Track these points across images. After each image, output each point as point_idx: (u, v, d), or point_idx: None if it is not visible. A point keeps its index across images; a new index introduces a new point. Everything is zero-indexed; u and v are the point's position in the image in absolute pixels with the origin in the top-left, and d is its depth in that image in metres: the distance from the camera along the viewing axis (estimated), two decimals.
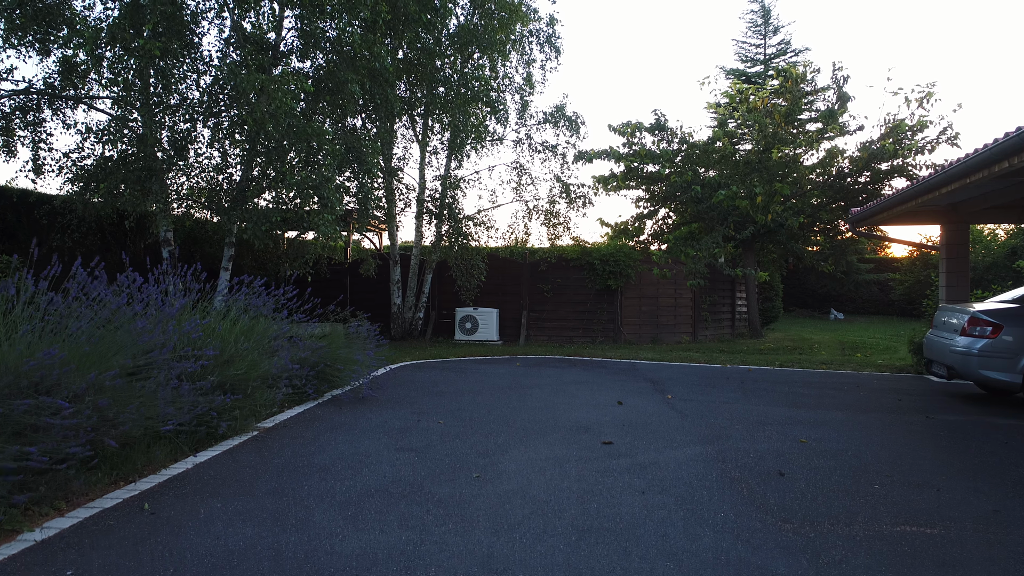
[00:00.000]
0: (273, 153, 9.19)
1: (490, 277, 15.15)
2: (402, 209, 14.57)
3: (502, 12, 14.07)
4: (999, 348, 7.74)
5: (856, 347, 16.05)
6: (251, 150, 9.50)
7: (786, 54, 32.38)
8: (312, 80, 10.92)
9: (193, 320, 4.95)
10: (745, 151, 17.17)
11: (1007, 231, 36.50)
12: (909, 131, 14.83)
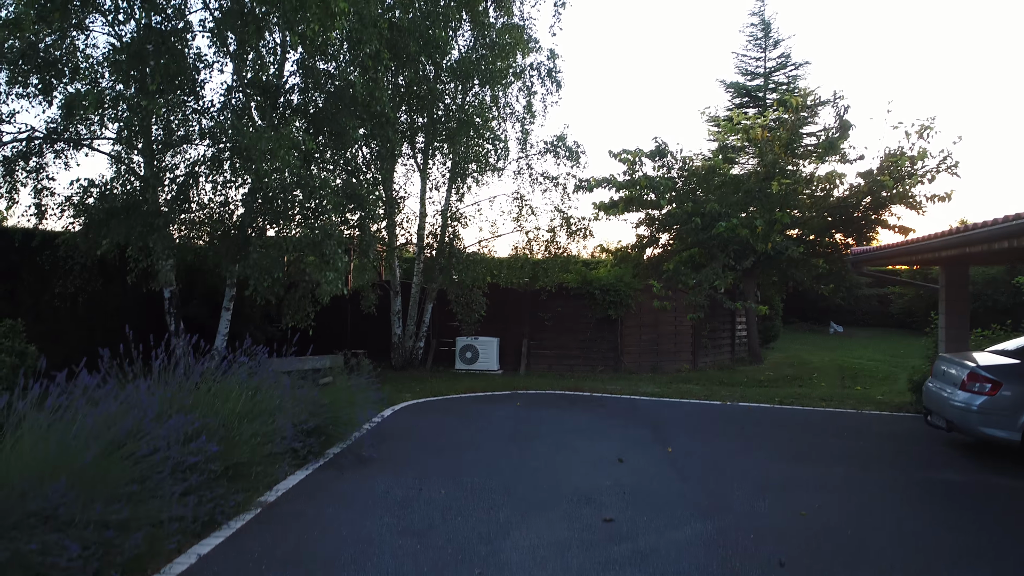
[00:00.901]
0: (274, 202, 9.24)
1: (491, 305, 15.17)
2: (403, 244, 14.60)
3: (505, 37, 14.10)
4: (998, 405, 7.77)
5: (855, 375, 16.09)
6: (251, 200, 9.54)
7: (786, 67, 32.43)
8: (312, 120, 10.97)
9: (192, 422, 4.98)
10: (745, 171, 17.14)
11: None
12: (909, 161, 14.85)
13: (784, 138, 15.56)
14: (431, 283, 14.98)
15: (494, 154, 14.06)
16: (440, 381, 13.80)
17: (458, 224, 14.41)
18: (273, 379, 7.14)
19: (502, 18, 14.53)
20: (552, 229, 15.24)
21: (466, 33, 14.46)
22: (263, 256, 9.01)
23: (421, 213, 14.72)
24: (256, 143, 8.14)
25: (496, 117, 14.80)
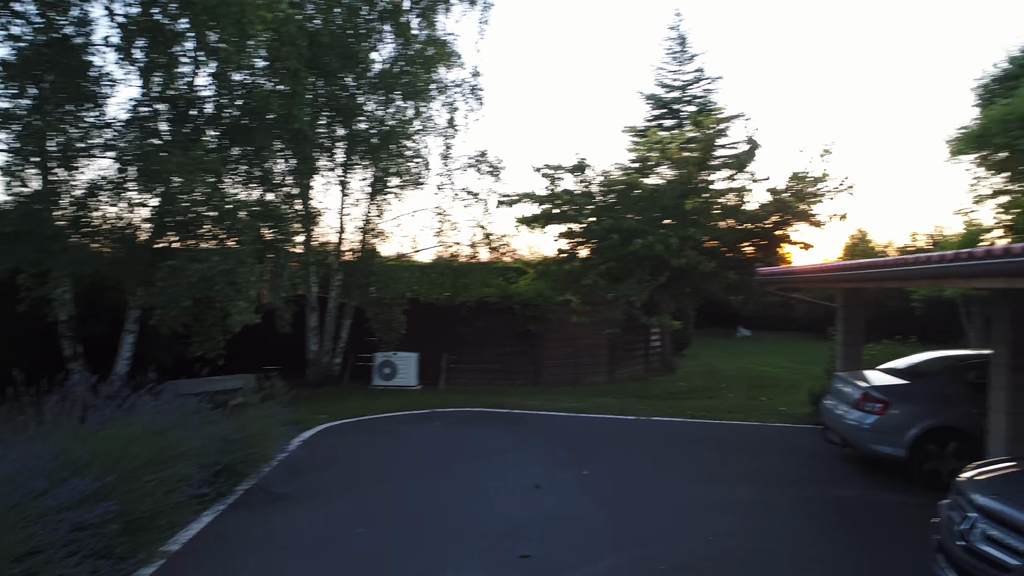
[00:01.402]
0: (185, 225, 8.82)
1: (411, 320, 15.01)
2: (320, 259, 14.24)
3: (429, 49, 14.01)
4: (887, 424, 8.31)
5: (761, 384, 16.86)
6: (159, 220, 9.08)
7: (701, 81, 33.60)
8: (226, 132, 10.56)
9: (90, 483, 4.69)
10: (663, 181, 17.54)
11: (898, 252, 39.09)
12: (812, 182, 15.71)
13: (698, 156, 16.14)
14: (349, 298, 14.71)
15: (416, 169, 13.93)
16: (358, 399, 13.56)
17: (378, 240, 14.23)
18: (180, 416, 6.83)
19: (426, 30, 14.42)
20: (473, 244, 15.24)
21: (388, 46, 14.29)
22: (170, 284, 8.59)
23: (340, 228, 14.45)
24: (164, 164, 7.76)
25: (418, 131, 14.68)
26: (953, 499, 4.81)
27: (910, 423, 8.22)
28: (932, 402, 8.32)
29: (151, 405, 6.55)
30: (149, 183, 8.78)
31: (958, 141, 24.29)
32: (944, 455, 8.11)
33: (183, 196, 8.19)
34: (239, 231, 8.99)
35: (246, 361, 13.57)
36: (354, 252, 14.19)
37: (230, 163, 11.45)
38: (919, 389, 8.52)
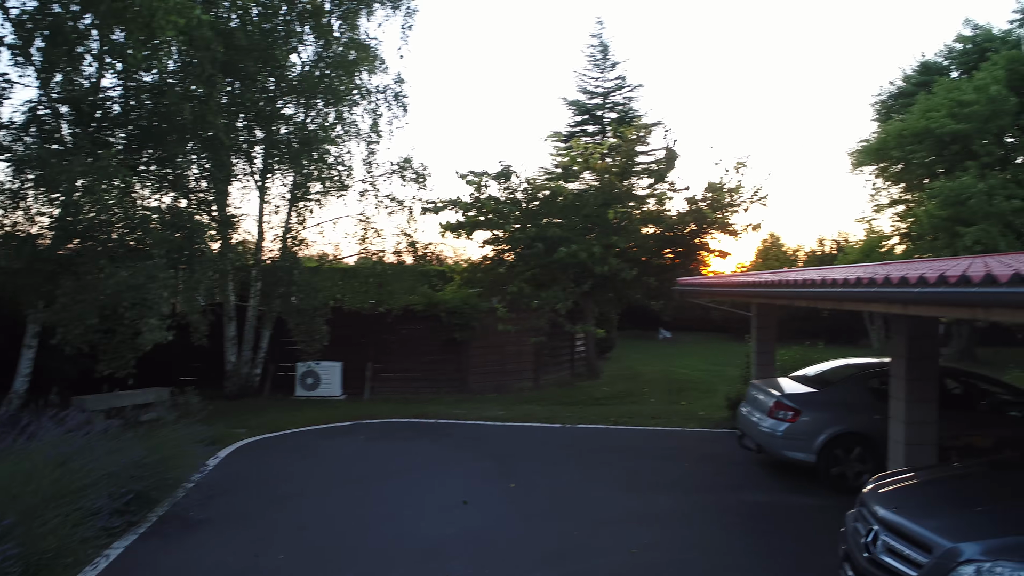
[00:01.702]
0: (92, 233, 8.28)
1: (334, 328, 14.66)
2: (238, 267, 13.73)
3: (351, 52, 13.75)
4: (798, 431, 8.74)
5: (682, 387, 17.40)
6: (61, 230, 8.49)
7: (622, 89, 34.36)
8: (135, 136, 10.03)
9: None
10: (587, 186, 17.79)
11: (807, 255, 41.14)
12: (728, 193, 16.34)
13: (620, 165, 16.50)
14: (269, 308, 14.26)
15: (338, 175, 13.63)
16: (279, 411, 13.17)
17: (299, 247, 13.83)
18: (86, 442, 6.45)
19: (348, 32, 14.16)
20: (398, 251, 15.06)
21: (309, 48, 13.94)
22: (73, 301, 8.06)
23: (259, 234, 13.99)
24: (66, 171, 7.29)
25: (340, 136, 14.39)
26: (858, 510, 5.10)
27: (819, 430, 8.67)
28: (838, 409, 8.80)
29: (54, 433, 6.14)
30: (49, 190, 8.22)
31: (859, 154, 25.88)
32: (850, 459, 8.60)
33: (87, 204, 7.68)
34: (150, 244, 8.53)
35: (159, 372, 12.96)
36: (274, 260, 13.75)
37: (140, 168, 10.92)
38: (826, 397, 8.98)
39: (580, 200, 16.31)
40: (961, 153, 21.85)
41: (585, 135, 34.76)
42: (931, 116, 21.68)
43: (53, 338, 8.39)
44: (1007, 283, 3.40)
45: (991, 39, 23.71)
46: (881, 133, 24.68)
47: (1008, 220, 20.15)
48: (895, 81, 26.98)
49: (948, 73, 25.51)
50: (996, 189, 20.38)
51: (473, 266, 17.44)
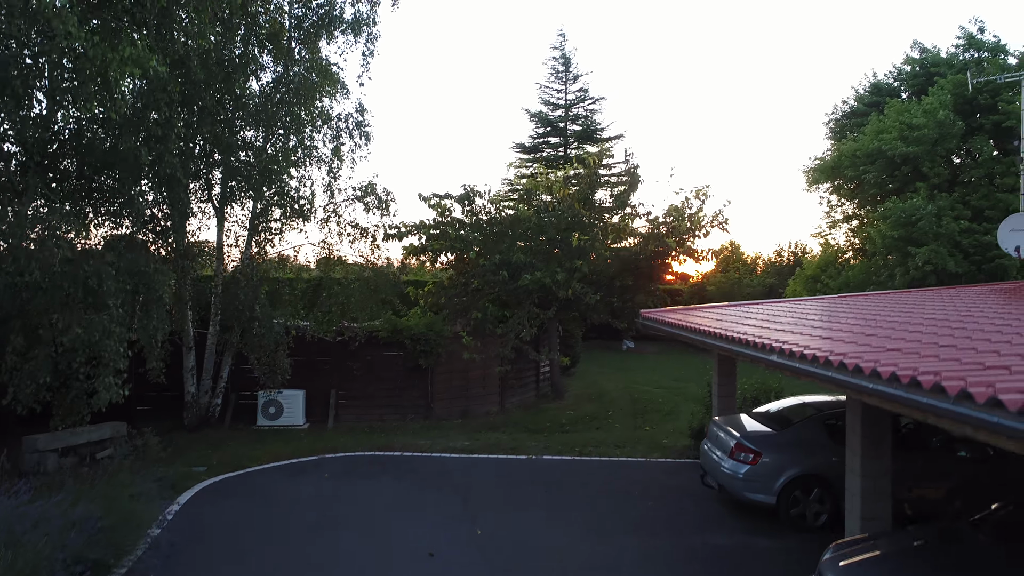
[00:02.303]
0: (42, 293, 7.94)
1: (297, 355, 14.51)
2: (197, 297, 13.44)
3: (312, 74, 13.58)
4: (759, 473, 8.93)
5: (645, 408, 17.61)
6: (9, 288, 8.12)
7: (584, 101, 34.61)
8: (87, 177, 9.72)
9: None
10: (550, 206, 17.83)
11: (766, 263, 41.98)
12: (689, 219, 16.60)
13: (583, 191, 16.63)
14: (229, 342, 13.98)
15: (299, 203, 13.43)
16: (240, 445, 12.93)
17: (260, 276, 13.57)
18: (41, 513, 6.24)
19: (308, 56, 13.97)
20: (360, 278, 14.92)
21: (268, 73, 13.72)
22: (24, 359, 7.77)
23: (218, 266, 13.69)
24: (12, 224, 7.03)
25: (301, 160, 14.19)
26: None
27: (778, 472, 8.88)
28: (797, 451, 9.02)
29: (5, 506, 5.93)
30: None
31: (814, 172, 26.51)
32: (809, 500, 8.83)
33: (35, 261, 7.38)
34: (104, 299, 8.24)
35: (113, 406, 12.60)
36: (233, 291, 13.45)
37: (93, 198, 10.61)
38: (785, 439, 9.19)
39: (543, 225, 16.36)
40: (911, 174, 22.58)
41: (548, 146, 35.01)
42: (883, 138, 22.34)
43: (3, 400, 8.08)
44: (955, 397, 3.53)
45: (937, 63, 24.52)
46: (835, 152, 25.34)
47: (956, 240, 20.89)
48: (848, 100, 27.72)
49: (899, 94, 26.33)
50: (944, 210, 21.10)
51: (437, 290, 17.36)
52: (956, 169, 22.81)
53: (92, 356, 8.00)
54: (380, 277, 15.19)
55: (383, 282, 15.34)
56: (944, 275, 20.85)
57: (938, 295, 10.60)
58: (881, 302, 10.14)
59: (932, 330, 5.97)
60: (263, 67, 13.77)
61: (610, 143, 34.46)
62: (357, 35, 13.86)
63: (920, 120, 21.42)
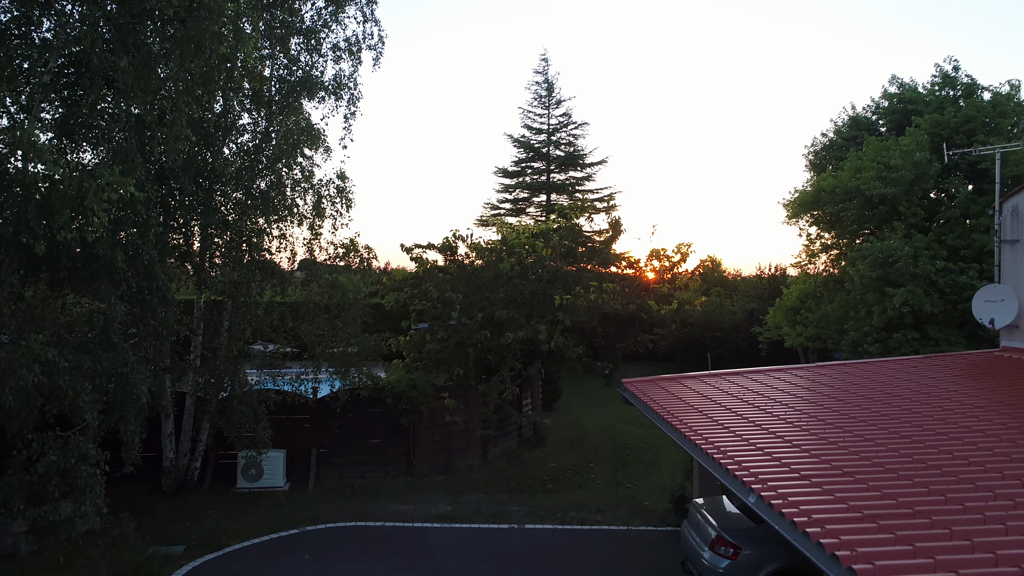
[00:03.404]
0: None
1: (277, 413, 14.39)
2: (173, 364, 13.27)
3: (293, 136, 13.55)
4: (739, 567, 9.00)
5: (627, 456, 17.67)
6: None
7: (567, 127, 34.62)
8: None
9: None
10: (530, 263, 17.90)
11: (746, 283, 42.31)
12: (669, 267, 16.71)
13: (566, 246, 16.67)
14: (207, 411, 13.83)
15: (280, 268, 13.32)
16: (220, 516, 12.80)
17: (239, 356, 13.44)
18: None
19: (291, 116, 13.89)
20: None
21: (249, 135, 13.62)
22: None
23: (197, 341, 13.54)
24: None
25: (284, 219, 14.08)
26: None
27: (759, 566, 8.95)
28: (777, 545, 9.07)
29: None
30: None
31: (794, 204, 26.77)
32: None
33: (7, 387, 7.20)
34: (82, 414, 8.11)
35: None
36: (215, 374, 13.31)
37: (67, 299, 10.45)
38: (766, 532, 9.23)
39: (524, 283, 16.35)
40: (889, 213, 22.87)
41: (531, 171, 35.00)
42: (861, 176, 22.60)
43: None
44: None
45: (914, 100, 24.85)
46: (814, 187, 25.60)
47: (932, 279, 21.20)
48: (827, 133, 28.00)
49: (877, 128, 26.63)
50: (921, 250, 21.40)
51: (419, 338, 17.31)
52: (933, 206, 23.12)
53: (68, 483, 7.87)
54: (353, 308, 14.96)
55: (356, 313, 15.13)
56: (921, 314, 21.18)
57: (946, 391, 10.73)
58: (884, 397, 10.05)
59: (925, 484, 6.05)
60: (242, 130, 13.71)
61: (593, 168, 34.58)
62: (338, 98, 13.78)
63: (898, 161, 21.69)
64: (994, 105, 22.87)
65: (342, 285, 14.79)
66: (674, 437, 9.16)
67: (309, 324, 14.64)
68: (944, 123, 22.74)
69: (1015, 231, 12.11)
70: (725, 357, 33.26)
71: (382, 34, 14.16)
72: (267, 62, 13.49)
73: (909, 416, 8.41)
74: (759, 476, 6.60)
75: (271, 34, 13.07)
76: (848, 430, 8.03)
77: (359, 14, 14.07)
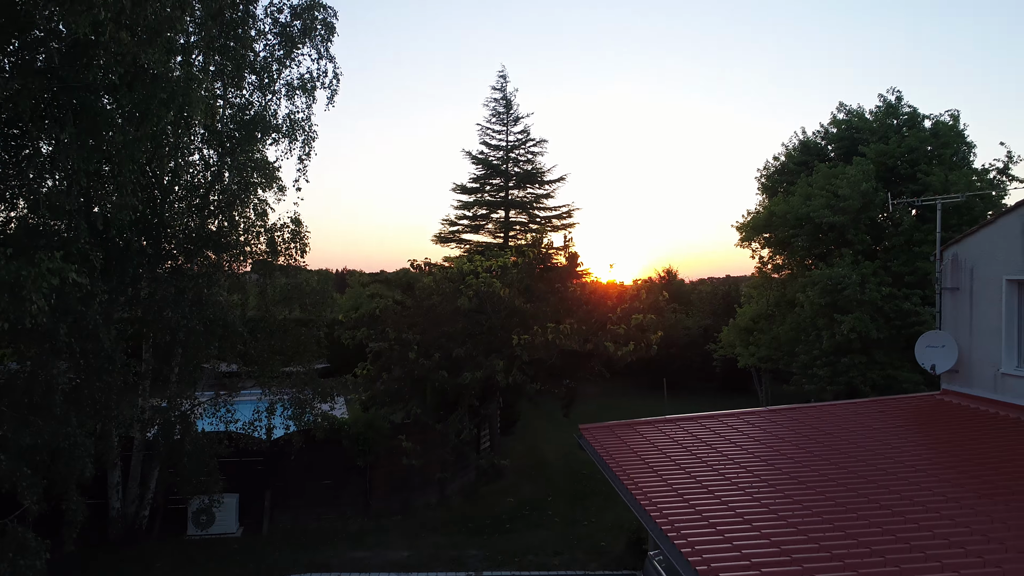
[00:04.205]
0: None
1: (229, 456, 14.07)
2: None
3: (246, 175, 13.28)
4: None
5: (584, 486, 17.79)
6: None
7: (526, 144, 34.60)
8: None
9: None
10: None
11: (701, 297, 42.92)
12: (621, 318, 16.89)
13: (524, 282, 16.70)
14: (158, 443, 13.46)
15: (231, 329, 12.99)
16: (168, 567, 12.47)
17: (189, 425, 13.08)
18: None
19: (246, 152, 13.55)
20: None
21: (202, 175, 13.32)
22: None
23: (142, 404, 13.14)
24: None
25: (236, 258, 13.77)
26: None
27: None
28: None
29: None
30: None
31: (747, 227, 27.35)
32: None
33: None
34: (21, 500, 7.77)
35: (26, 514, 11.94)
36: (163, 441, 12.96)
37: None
38: None
39: (482, 314, 16.34)
40: (837, 240, 23.55)
41: (489, 188, 34.91)
42: (811, 204, 23.22)
43: None
44: None
45: (861, 128, 25.61)
46: (766, 210, 26.19)
47: (879, 306, 21.88)
48: (779, 156, 28.64)
49: (826, 153, 27.36)
50: (868, 277, 22.07)
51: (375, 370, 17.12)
52: (878, 232, 23.86)
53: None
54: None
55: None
56: (868, 339, 21.84)
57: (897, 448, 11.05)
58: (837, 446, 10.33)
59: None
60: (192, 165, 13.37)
61: (552, 186, 34.69)
62: (292, 140, 13.54)
63: (846, 191, 22.32)
64: (936, 134, 23.71)
65: (302, 284, 14.40)
66: (629, 503, 9.24)
67: (266, 339, 14.06)
68: (889, 152, 23.50)
69: (955, 279, 12.57)
70: (680, 373, 33.70)
71: (337, 71, 13.99)
72: (219, 101, 13.18)
73: (848, 479, 8.62)
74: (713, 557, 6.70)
75: (221, 73, 12.78)
76: (790, 494, 8.20)
77: (314, 51, 13.88)
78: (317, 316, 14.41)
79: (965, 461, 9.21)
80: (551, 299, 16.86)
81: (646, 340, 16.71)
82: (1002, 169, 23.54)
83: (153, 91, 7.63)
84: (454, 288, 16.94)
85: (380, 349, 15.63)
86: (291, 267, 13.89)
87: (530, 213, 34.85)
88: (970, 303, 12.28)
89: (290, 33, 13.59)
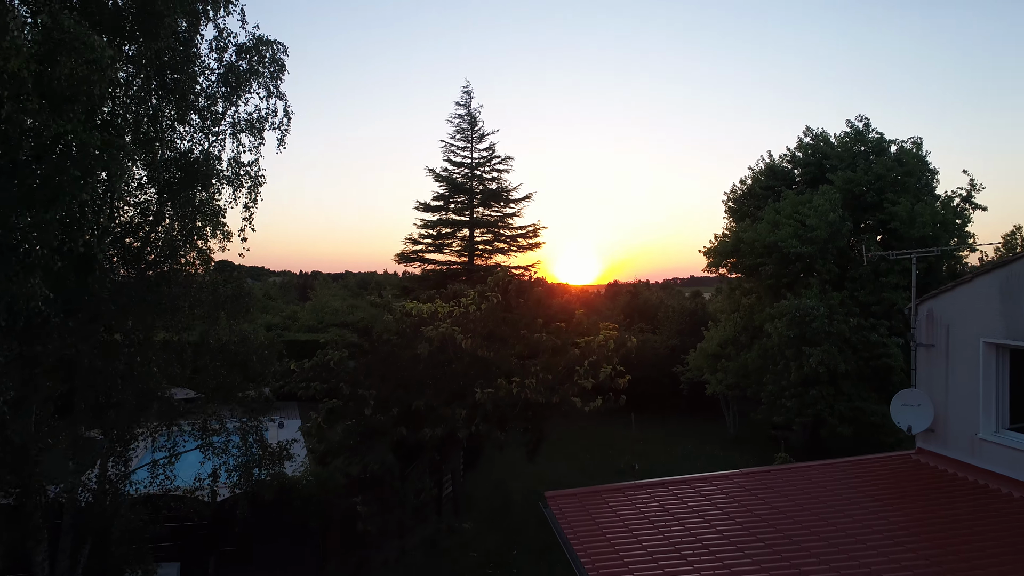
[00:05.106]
0: None
1: (171, 520, 13.11)
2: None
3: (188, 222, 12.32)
4: None
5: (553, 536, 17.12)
6: None
7: (491, 161, 33.97)
8: None
9: None
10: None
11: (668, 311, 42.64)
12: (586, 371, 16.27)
13: (487, 327, 15.99)
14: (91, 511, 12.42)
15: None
16: None
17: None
18: None
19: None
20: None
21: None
22: None
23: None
24: None
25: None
26: None
27: None
28: None
29: None
30: None
31: (714, 252, 27.04)
32: None
33: None
34: None
35: None
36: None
37: None
38: None
39: (444, 358, 15.59)
40: (805, 269, 23.32)
41: (454, 206, 34.15)
42: (778, 233, 22.96)
43: None
44: None
45: (828, 154, 25.47)
46: (733, 235, 25.91)
47: (847, 337, 21.68)
48: (746, 180, 28.41)
49: (793, 177, 27.20)
50: (836, 308, 21.85)
51: (330, 420, 16.26)
52: (846, 261, 23.71)
53: None
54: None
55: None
56: (835, 371, 21.63)
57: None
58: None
59: None
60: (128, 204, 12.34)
61: (518, 205, 34.07)
62: (238, 187, 12.58)
63: (813, 220, 22.11)
64: (900, 162, 23.64)
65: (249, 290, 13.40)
66: None
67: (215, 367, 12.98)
68: (856, 180, 23.37)
69: (930, 336, 12.21)
70: (648, 397, 33.32)
71: (289, 110, 13.08)
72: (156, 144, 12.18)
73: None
74: None
75: (158, 118, 11.81)
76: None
77: (263, 89, 12.95)
78: (264, 371, 13.44)
79: (933, 529, 8.81)
80: (516, 345, 16.16)
81: (615, 389, 16.11)
82: (965, 197, 23.60)
83: (61, 167, 6.73)
84: (414, 329, 16.14)
85: (334, 407, 14.76)
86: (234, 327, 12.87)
87: (496, 232, 34.15)
88: (946, 361, 11.91)
89: (237, 70, 12.65)
